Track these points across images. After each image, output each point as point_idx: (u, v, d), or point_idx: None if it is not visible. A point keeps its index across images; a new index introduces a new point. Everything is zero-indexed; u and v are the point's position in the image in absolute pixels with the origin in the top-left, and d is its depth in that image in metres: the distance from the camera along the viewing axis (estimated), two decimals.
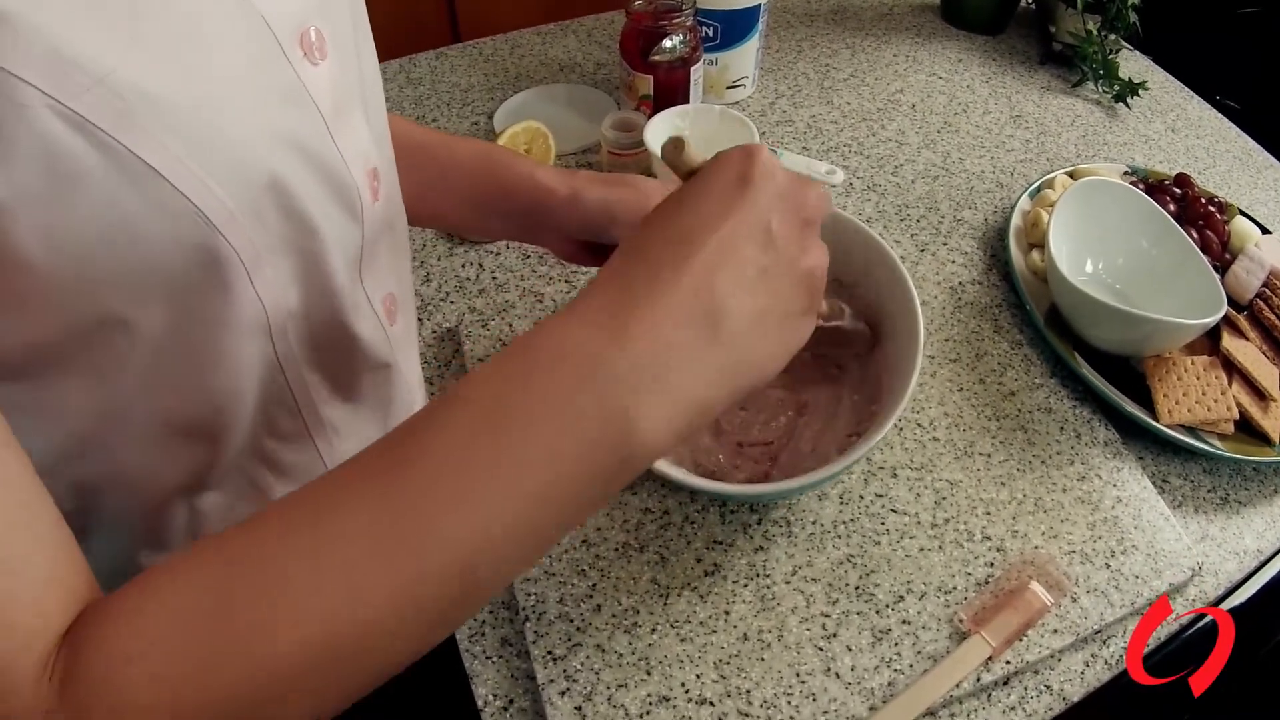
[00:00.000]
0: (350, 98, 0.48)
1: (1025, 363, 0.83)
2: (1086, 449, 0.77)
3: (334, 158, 0.45)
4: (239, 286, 0.42)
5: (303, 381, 0.51)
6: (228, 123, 0.38)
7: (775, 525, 0.71)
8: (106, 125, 0.34)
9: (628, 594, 0.67)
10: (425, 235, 0.95)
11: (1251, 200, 1.03)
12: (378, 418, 0.59)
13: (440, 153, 0.71)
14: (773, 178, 0.42)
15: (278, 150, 0.41)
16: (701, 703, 0.62)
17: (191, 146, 0.36)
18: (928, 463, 0.75)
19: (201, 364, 0.44)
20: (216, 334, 0.43)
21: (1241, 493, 0.77)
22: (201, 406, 0.46)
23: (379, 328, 0.55)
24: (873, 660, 0.64)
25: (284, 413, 0.51)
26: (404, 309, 0.61)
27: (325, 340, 0.50)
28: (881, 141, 1.08)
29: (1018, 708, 0.63)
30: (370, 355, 0.54)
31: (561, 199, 0.68)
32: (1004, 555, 0.69)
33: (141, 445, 0.46)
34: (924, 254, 0.94)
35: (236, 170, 0.39)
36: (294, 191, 0.42)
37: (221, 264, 0.40)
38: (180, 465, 0.49)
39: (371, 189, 0.50)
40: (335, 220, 0.46)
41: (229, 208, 0.39)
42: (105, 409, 0.44)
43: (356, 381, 0.55)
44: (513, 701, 0.63)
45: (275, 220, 0.42)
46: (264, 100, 0.40)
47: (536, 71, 1.18)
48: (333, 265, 0.47)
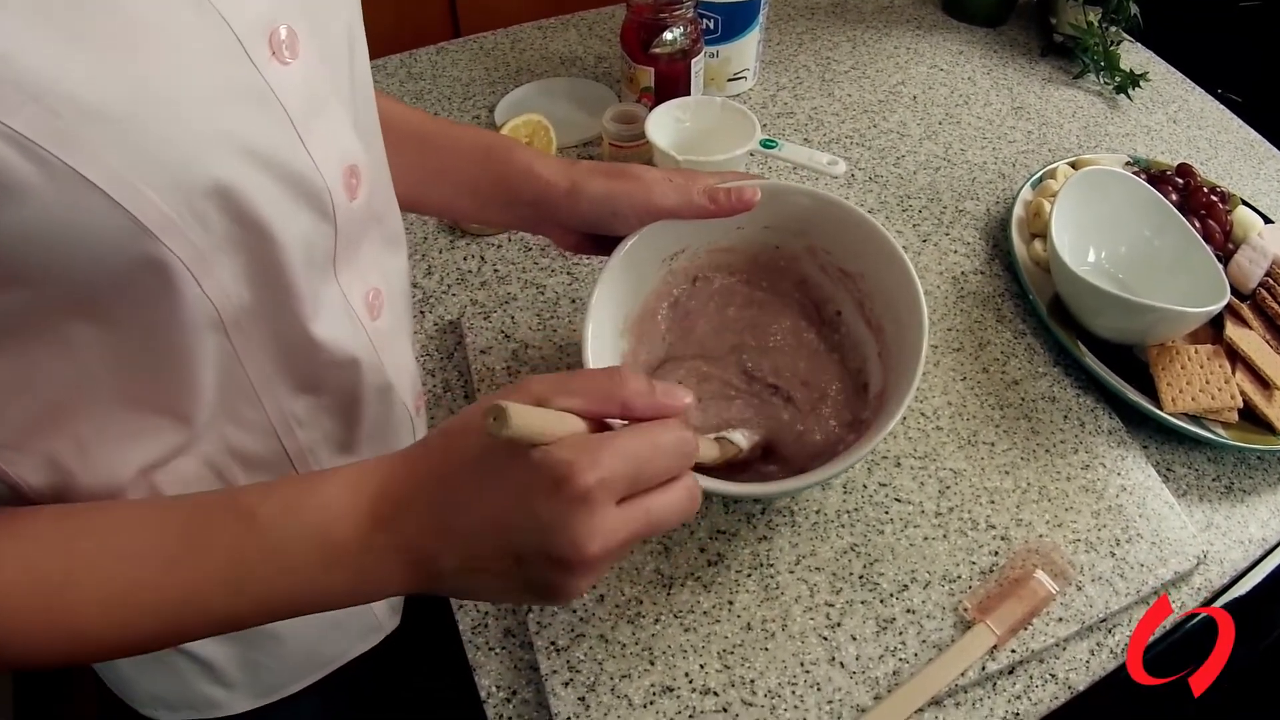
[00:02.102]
0: (328, 96, 0.47)
1: (1028, 352, 0.83)
2: (1090, 438, 0.77)
3: (299, 159, 0.45)
4: (184, 288, 0.42)
5: (263, 373, 0.51)
6: (169, 130, 0.38)
7: (779, 515, 0.71)
8: (43, 140, 0.34)
9: (631, 584, 0.67)
10: (427, 228, 0.95)
11: (1254, 191, 1.03)
12: (342, 411, 0.58)
13: (441, 142, 0.71)
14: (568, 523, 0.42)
15: (225, 154, 0.40)
16: (705, 693, 0.62)
17: (130, 157, 0.36)
18: (931, 452, 0.75)
19: (157, 352, 0.45)
20: (168, 330, 0.44)
21: (1246, 481, 0.77)
22: (161, 390, 0.47)
23: (352, 324, 0.54)
24: (877, 649, 0.64)
25: (245, 402, 0.52)
26: (392, 303, 0.60)
27: (283, 336, 0.50)
28: (883, 133, 1.08)
29: (1023, 696, 0.63)
30: (335, 351, 0.53)
31: (561, 192, 0.67)
32: (1008, 544, 0.69)
33: (108, 420, 0.47)
34: (926, 244, 0.94)
35: (177, 177, 0.38)
36: (242, 194, 0.42)
37: (164, 268, 0.40)
38: (145, 446, 0.49)
39: (348, 187, 0.49)
40: (297, 220, 0.46)
41: (168, 215, 0.39)
42: (74, 379, 0.44)
43: (319, 376, 0.54)
44: (516, 693, 0.63)
45: (220, 223, 0.42)
46: (215, 103, 0.40)
47: (537, 65, 1.18)
48: (288, 264, 0.46)
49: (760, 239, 0.73)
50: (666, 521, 0.45)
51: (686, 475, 0.46)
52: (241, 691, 0.68)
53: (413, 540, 0.44)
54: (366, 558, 0.44)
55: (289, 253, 0.46)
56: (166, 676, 0.65)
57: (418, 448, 0.47)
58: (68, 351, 0.43)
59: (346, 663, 0.74)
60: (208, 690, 0.67)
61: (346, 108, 0.50)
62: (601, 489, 0.41)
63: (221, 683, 0.66)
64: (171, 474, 0.51)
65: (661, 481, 0.45)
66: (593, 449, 0.41)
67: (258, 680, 0.69)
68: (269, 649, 0.67)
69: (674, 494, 0.45)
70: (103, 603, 0.43)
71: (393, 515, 0.44)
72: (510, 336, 0.82)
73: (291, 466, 0.57)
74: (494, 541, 0.43)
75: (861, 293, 0.71)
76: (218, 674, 0.65)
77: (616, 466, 0.41)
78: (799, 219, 0.71)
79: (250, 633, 0.64)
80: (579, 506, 0.41)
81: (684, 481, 0.46)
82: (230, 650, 0.65)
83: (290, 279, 0.47)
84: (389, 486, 0.45)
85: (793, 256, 0.74)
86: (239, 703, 0.69)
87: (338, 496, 0.45)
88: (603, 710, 0.61)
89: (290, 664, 0.70)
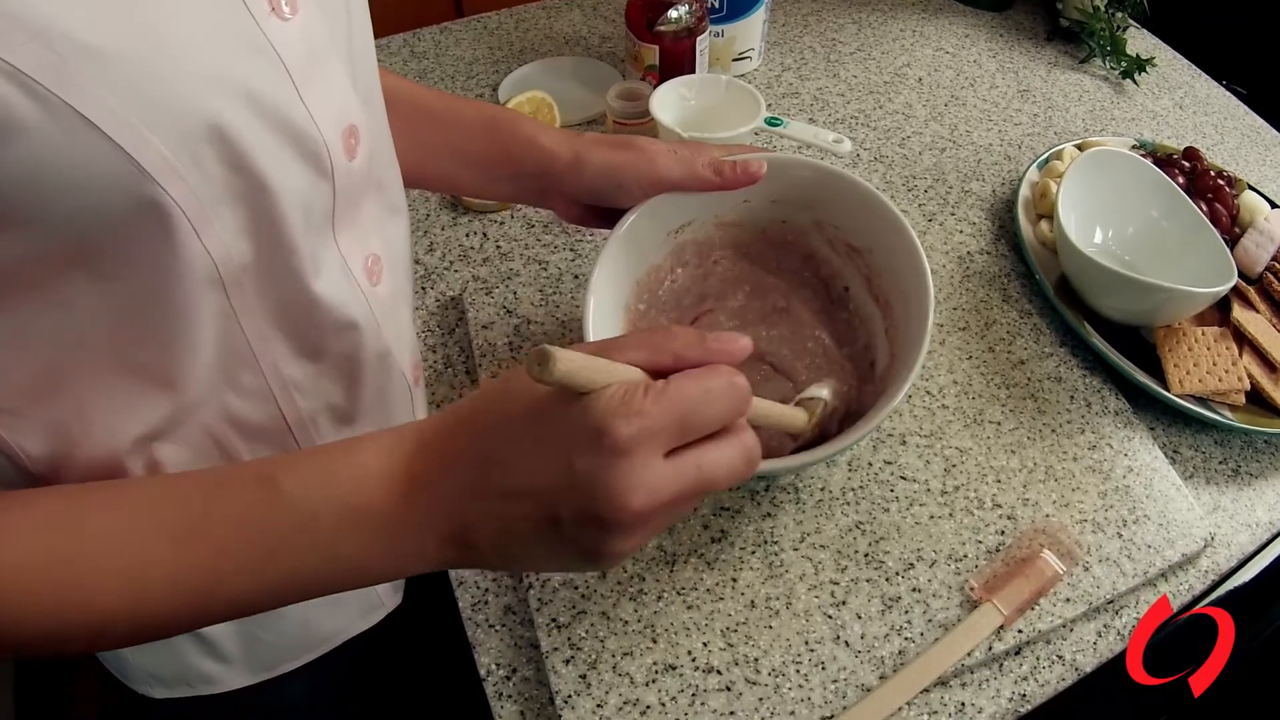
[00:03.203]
0: (328, 55, 0.47)
1: (1034, 332, 0.83)
2: (1097, 418, 0.76)
3: (297, 112, 0.44)
4: (183, 237, 0.41)
5: (262, 336, 0.50)
6: (167, 71, 0.37)
7: (783, 492, 0.70)
8: (43, 78, 0.33)
9: (633, 561, 0.66)
10: (429, 205, 0.94)
11: (1260, 177, 1.02)
12: (342, 378, 0.57)
13: (445, 116, 0.71)
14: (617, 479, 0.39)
15: (222, 101, 0.40)
16: (709, 671, 0.61)
17: (128, 97, 0.36)
18: (937, 430, 0.74)
19: (155, 310, 0.44)
20: (166, 283, 0.43)
21: (1253, 465, 0.76)
22: (158, 352, 0.46)
23: (351, 287, 0.54)
24: (883, 628, 0.63)
25: (243, 367, 0.51)
26: (392, 271, 0.60)
27: (283, 295, 0.49)
28: (888, 114, 1.07)
29: (1030, 678, 0.63)
30: (334, 314, 0.53)
31: (565, 164, 0.67)
32: (1015, 523, 0.69)
33: (105, 385, 0.46)
34: (931, 224, 0.93)
35: (174, 120, 0.38)
36: (239, 143, 0.41)
37: (163, 214, 0.40)
38: (144, 412, 0.48)
39: (347, 147, 0.49)
40: (294, 175, 0.46)
41: (166, 158, 0.38)
42: (70, 339, 0.44)
43: (319, 340, 0.54)
44: (516, 670, 0.63)
45: (219, 171, 0.41)
46: (214, 51, 0.40)
47: (541, 45, 1.17)
48: (288, 219, 0.46)
49: (767, 213, 0.72)
50: (720, 478, 0.41)
51: (744, 431, 0.43)
52: (238, 667, 0.67)
53: (448, 504, 0.42)
54: (401, 525, 0.42)
55: (287, 208, 0.46)
56: (163, 651, 0.64)
57: (454, 406, 0.45)
58: (64, 309, 0.42)
59: (345, 641, 0.73)
60: (204, 665, 0.66)
61: (346, 68, 0.50)
62: (645, 437, 0.38)
63: (218, 657, 0.66)
64: (171, 444, 0.50)
65: (713, 432, 0.41)
66: (635, 396, 0.38)
67: (255, 656, 0.68)
68: (268, 624, 0.66)
69: (729, 449, 0.42)
70: (118, 581, 0.41)
71: (428, 476, 0.42)
72: (513, 312, 0.82)
73: (292, 437, 0.56)
74: (530, 501, 0.40)
75: (869, 268, 0.70)
76: (214, 648, 0.65)
77: (661, 414, 0.38)
78: (806, 193, 0.70)
79: None
80: (620, 458, 0.38)
81: (740, 437, 0.42)
82: (228, 625, 0.64)
83: (289, 236, 0.47)
84: (425, 446, 0.43)
85: (800, 231, 0.73)
86: (235, 678, 0.68)
87: (372, 461, 0.43)
88: (604, 688, 0.60)
89: (289, 640, 0.69)
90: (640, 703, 0.59)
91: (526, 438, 0.41)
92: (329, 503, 0.42)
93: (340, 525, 0.42)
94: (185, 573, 0.42)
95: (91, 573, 0.41)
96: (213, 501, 0.43)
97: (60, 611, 0.41)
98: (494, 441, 0.42)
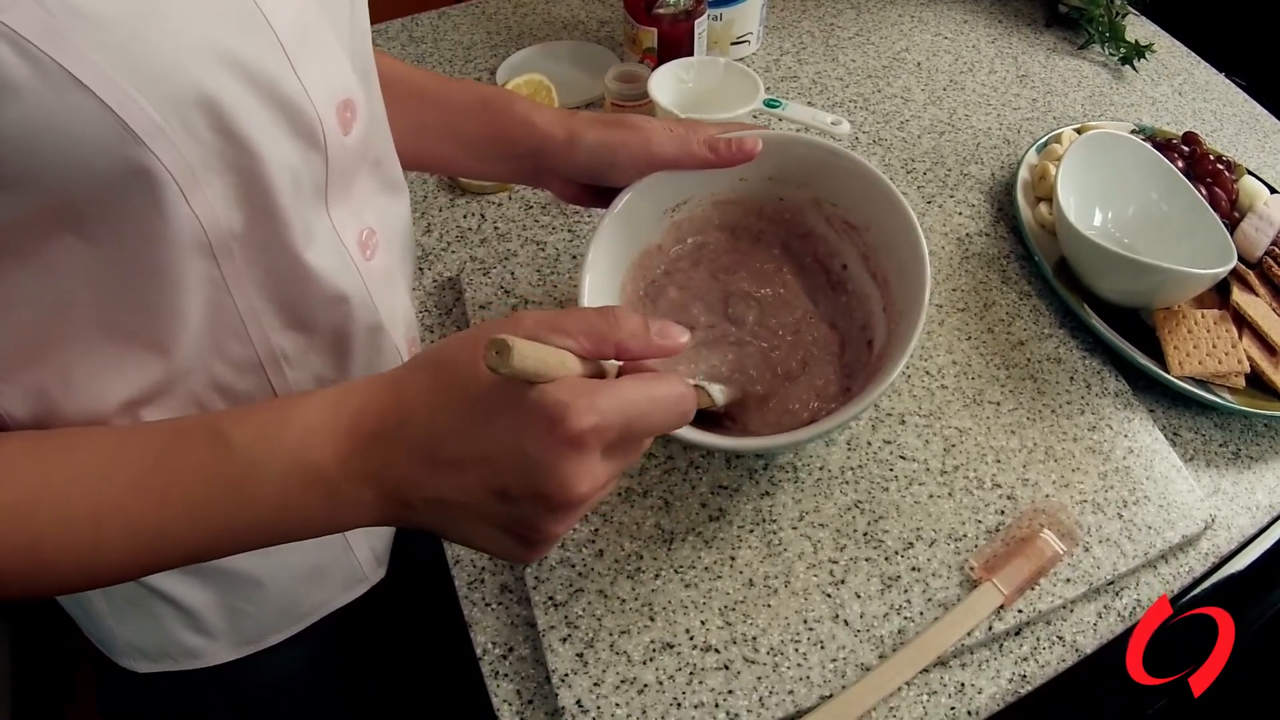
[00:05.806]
0: (323, 29, 0.47)
1: (1034, 313, 0.82)
2: (1097, 399, 0.76)
3: (289, 83, 0.45)
4: (172, 202, 0.42)
5: (252, 306, 0.50)
6: (157, 36, 0.38)
7: (781, 470, 0.69)
8: (35, 38, 0.34)
9: (630, 539, 0.65)
10: (427, 186, 0.94)
11: (1259, 163, 1.02)
12: (331, 350, 0.57)
13: (439, 97, 0.71)
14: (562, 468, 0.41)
15: (214, 69, 0.40)
16: (706, 649, 0.60)
17: (118, 59, 0.36)
18: (936, 410, 0.74)
19: (143, 276, 0.44)
20: (155, 249, 0.43)
21: (1253, 448, 0.76)
22: (146, 319, 0.46)
23: (343, 260, 0.54)
24: (882, 607, 0.63)
25: (232, 337, 0.51)
26: (388, 246, 0.60)
27: (273, 265, 0.50)
28: (887, 98, 1.06)
29: (1030, 658, 0.62)
30: (324, 285, 0.53)
31: (559, 143, 0.67)
32: (1015, 503, 0.68)
33: (91, 350, 0.46)
34: (930, 206, 0.92)
35: (164, 83, 0.38)
36: (230, 111, 0.42)
37: (152, 178, 0.40)
38: (129, 378, 0.48)
39: (342, 120, 0.49)
40: (285, 146, 0.46)
41: (155, 121, 0.38)
42: (57, 304, 0.44)
43: (309, 311, 0.54)
44: (512, 649, 0.62)
45: (209, 138, 0.42)
46: (207, 20, 0.40)
47: (539, 29, 1.16)
48: (277, 189, 0.46)
49: (764, 191, 0.72)
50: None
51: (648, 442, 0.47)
52: (222, 640, 0.67)
53: (394, 467, 0.43)
54: (343, 476, 0.43)
55: (277, 177, 0.46)
56: (146, 623, 0.64)
57: (403, 373, 0.46)
58: (52, 274, 0.42)
59: (331, 615, 0.73)
60: (187, 639, 0.66)
61: (343, 44, 0.50)
62: (595, 435, 0.40)
63: (201, 630, 0.65)
64: (156, 410, 0.50)
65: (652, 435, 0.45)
66: (592, 394, 0.41)
67: (238, 629, 0.67)
68: (250, 595, 0.66)
69: (639, 455, 0.46)
70: (68, 524, 0.42)
71: (373, 437, 0.43)
72: (510, 292, 0.81)
73: None
74: (480, 475, 0.42)
75: (867, 245, 0.70)
76: (198, 621, 0.64)
77: (612, 415, 0.41)
78: (802, 170, 0.70)
79: (230, 577, 0.64)
80: (570, 449, 0.40)
81: (645, 445, 0.47)
82: (210, 596, 0.64)
83: (279, 206, 0.47)
84: (371, 407, 0.44)
85: (797, 208, 0.73)
86: (220, 652, 0.68)
87: (316, 416, 0.44)
88: (601, 666, 0.60)
89: (271, 612, 0.69)
90: (638, 681, 0.59)
91: (479, 416, 0.42)
92: (275, 455, 0.43)
93: (286, 475, 0.43)
94: (135, 518, 0.43)
95: (45, 514, 0.42)
96: (168, 450, 0.44)
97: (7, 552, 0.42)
98: (446, 416, 0.43)
